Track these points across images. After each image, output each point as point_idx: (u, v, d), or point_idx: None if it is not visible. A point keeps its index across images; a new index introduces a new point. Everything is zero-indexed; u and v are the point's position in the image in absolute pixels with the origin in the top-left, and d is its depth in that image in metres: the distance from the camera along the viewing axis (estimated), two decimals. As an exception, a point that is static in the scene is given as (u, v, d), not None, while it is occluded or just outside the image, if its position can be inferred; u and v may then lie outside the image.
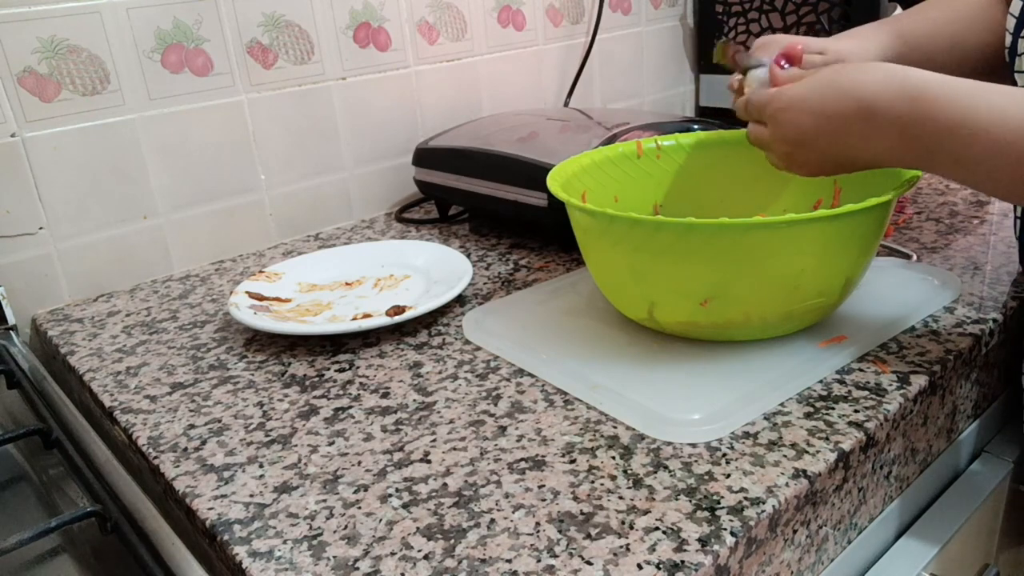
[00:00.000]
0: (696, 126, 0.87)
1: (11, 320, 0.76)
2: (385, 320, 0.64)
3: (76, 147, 0.77)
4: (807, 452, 0.47)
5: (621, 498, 0.44)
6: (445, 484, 0.47)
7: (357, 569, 0.41)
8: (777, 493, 0.44)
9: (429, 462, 0.49)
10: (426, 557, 0.41)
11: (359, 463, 0.50)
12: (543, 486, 0.46)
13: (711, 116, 1.36)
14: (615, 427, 0.51)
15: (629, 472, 0.46)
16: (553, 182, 0.62)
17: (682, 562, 0.39)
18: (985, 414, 0.72)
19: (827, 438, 0.48)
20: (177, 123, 0.83)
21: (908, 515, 0.64)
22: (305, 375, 0.62)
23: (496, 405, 0.55)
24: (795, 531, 0.49)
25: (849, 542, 0.56)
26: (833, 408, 0.51)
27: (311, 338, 0.67)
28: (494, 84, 1.10)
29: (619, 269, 0.57)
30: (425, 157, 0.93)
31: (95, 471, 0.53)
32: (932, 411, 0.62)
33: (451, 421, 0.53)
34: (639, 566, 0.39)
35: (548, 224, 0.82)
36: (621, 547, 0.41)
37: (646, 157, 0.71)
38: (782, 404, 0.52)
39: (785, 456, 0.47)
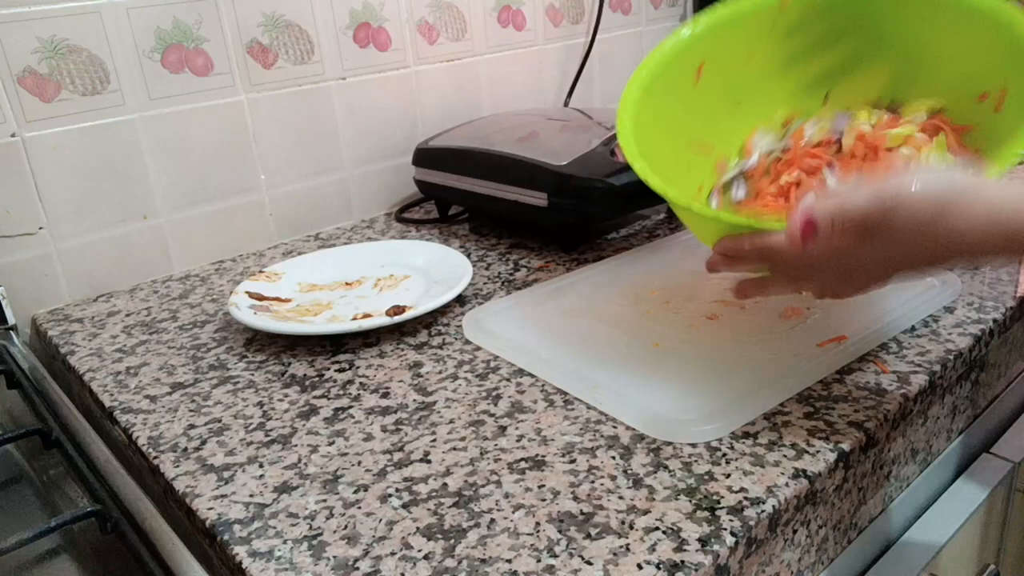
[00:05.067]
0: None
1: (11, 320, 0.76)
2: (385, 320, 0.64)
3: (76, 147, 0.77)
4: (807, 452, 0.47)
5: (621, 498, 0.44)
6: (445, 484, 0.47)
7: (357, 569, 0.41)
8: (777, 493, 0.44)
9: (429, 462, 0.49)
10: (426, 557, 0.41)
11: (359, 463, 0.50)
12: (543, 486, 0.46)
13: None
14: (615, 427, 0.51)
15: (629, 472, 0.46)
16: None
17: (682, 562, 0.39)
18: (985, 414, 0.72)
19: (827, 438, 0.48)
20: (177, 123, 0.83)
21: (908, 515, 0.64)
22: (305, 375, 0.62)
23: (496, 405, 0.55)
24: (795, 531, 0.49)
25: (849, 542, 0.56)
26: (833, 408, 0.51)
27: (311, 338, 0.67)
28: (494, 84, 1.10)
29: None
30: (425, 157, 0.93)
31: (95, 471, 0.53)
32: (932, 411, 0.62)
33: (451, 421, 0.53)
34: (639, 566, 0.39)
35: (548, 224, 0.82)
36: (621, 547, 0.41)
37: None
38: (782, 404, 0.52)
39: (785, 456, 0.47)
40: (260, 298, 0.72)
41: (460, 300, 0.72)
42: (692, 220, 0.54)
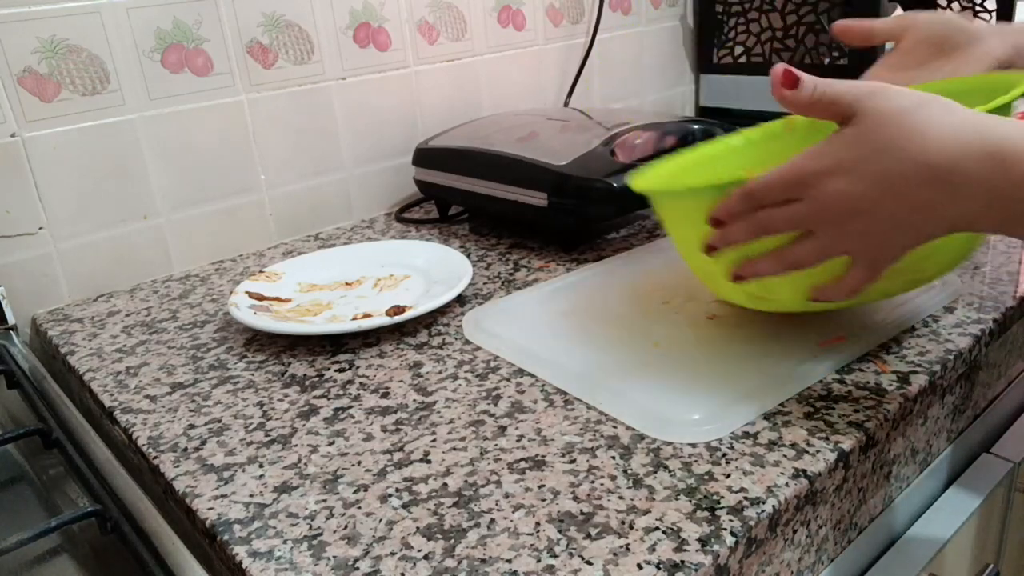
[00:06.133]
0: (696, 126, 0.87)
1: (11, 320, 0.76)
2: (385, 320, 0.64)
3: (76, 147, 0.77)
4: (807, 452, 0.47)
5: (621, 498, 0.44)
6: (445, 484, 0.47)
7: (357, 569, 0.41)
8: (777, 493, 0.44)
9: (429, 462, 0.49)
10: (426, 557, 0.41)
11: (359, 463, 0.50)
12: (543, 486, 0.46)
13: (711, 116, 1.37)
14: (615, 427, 0.51)
15: (629, 472, 0.46)
16: (647, 177, 0.62)
17: (682, 562, 0.39)
18: (985, 414, 0.72)
19: (827, 438, 0.48)
20: (177, 123, 0.83)
21: (908, 515, 0.64)
22: (305, 375, 0.62)
23: (496, 405, 0.55)
24: (795, 531, 0.49)
25: (849, 542, 0.56)
26: (833, 408, 0.51)
27: (311, 338, 0.67)
28: (494, 84, 1.10)
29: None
30: (425, 157, 0.93)
31: (95, 471, 0.53)
32: (932, 411, 0.62)
33: (451, 421, 0.53)
34: (639, 566, 0.39)
35: (548, 224, 0.82)
36: (621, 547, 0.41)
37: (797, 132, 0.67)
38: (782, 404, 0.52)
39: (785, 456, 0.47)
40: (260, 298, 0.72)
41: (460, 300, 0.72)
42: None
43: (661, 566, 0.39)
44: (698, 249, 0.53)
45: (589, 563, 0.40)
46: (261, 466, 0.50)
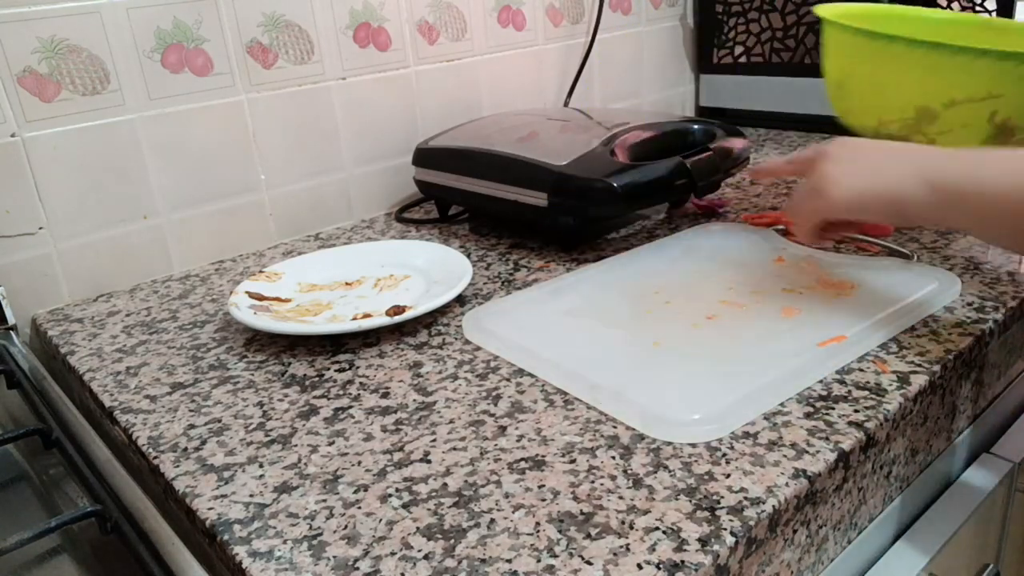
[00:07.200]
0: (696, 126, 0.87)
1: (11, 320, 0.76)
2: (385, 320, 0.64)
3: (76, 147, 0.77)
4: (807, 452, 0.47)
5: (621, 498, 0.44)
6: (445, 484, 0.47)
7: (357, 569, 0.41)
8: (777, 493, 0.44)
9: (429, 462, 0.49)
10: (426, 557, 0.41)
11: (359, 463, 0.50)
12: (543, 486, 0.46)
13: (711, 116, 1.37)
14: (615, 427, 0.51)
15: (629, 472, 0.46)
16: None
17: (682, 562, 0.39)
18: (985, 414, 0.72)
19: (827, 438, 0.48)
20: (177, 123, 0.83)
21: (908, 515, 0.64)
22: (305, 375, 0.62)
23: (496, 405, 0.55)
24: (795, 531, 0.49)
25: (849, 542, 0.56)
26: (833, 408, 0.51)
27: (311, 338, 0.67)
28: (494, 84, 1.10)
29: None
30: (425, 157, 0.93)
31: (95, 471, 0.53)
32: (932, 411, 0.62)
33: (451, 421, 0.53)
34: (639, 566, 0.39)
35: (548, 224, 0.82)
36: (621, 547, 0.41)
37: None
38: (782, 404, 0.52)
39: (785, 456, 0.47)
40: (260, 298, 0.72)
41: (460, 300, 0.72)
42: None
43: (661, 566, 0.39)
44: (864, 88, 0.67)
45: (589, 563, 0.40)
46: (261, 466, 0.50)
